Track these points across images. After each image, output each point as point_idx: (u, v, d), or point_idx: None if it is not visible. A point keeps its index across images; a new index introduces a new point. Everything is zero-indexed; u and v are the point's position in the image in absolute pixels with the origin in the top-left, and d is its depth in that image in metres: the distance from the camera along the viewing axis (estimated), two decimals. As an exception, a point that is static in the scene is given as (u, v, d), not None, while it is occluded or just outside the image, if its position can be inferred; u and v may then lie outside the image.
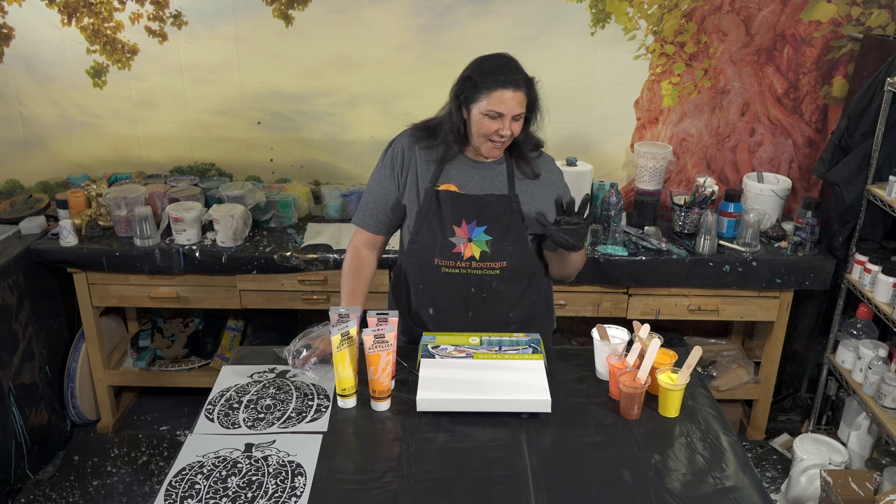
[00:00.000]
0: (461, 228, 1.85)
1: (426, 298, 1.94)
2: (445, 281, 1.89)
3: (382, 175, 1.92)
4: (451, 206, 1.85)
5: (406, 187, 1.89)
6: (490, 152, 1.83)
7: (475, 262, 1.86)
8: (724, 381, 3.00)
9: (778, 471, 2.88)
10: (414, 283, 1.95)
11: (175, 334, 3.19)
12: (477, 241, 1.86)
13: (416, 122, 1.92)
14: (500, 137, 1.79)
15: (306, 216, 3.07)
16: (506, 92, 1.74)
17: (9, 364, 2.62)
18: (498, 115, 1.76)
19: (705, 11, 2.89)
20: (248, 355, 1.95)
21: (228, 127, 3.12)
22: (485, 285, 1.89)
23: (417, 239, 1.89)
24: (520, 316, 1.97)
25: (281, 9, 2.92)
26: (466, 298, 1.91)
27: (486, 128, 1.77)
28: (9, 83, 3.03)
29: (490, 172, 1.88)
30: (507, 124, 1.77)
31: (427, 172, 1.87)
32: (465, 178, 1.87)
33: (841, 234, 2.71)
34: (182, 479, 1.46)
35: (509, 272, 1.89)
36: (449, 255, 1.86)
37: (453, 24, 2.91)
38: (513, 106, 1.75)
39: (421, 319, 1.97)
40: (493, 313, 1.94)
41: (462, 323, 1.93)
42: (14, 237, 2.83)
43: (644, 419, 1.66)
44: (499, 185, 1.88)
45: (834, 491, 2.12)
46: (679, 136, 3.09)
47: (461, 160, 1.88)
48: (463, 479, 1.46)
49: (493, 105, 1.74)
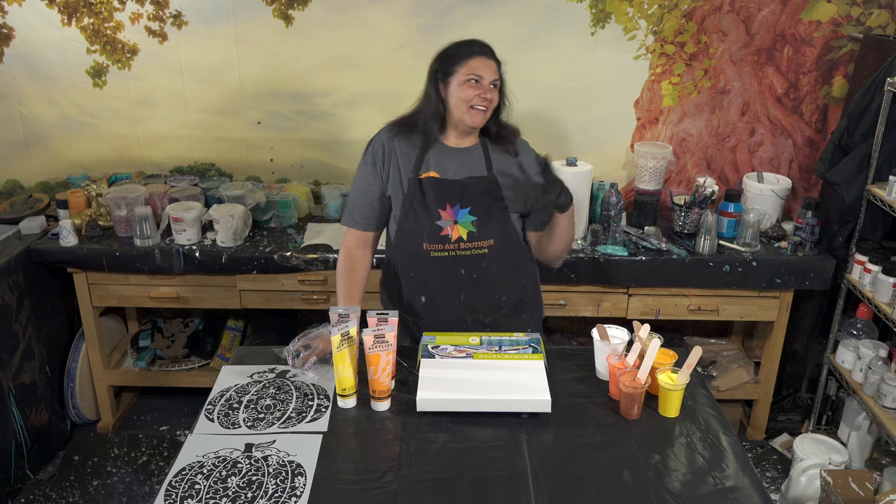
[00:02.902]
0: (446, 212, 1.91)
1: (417, 286, 1.98)
2: (435, 265, 1.93)
3: (365, 171, 1.98)
4: (435, 192, 1.90)
5: (389, 179, 1.95)
6: (473, 119, 1.87)
7: (463, 242, 1.92)
8: (724, 381, 3.00)
9: (778, 471, 2.88)
10: (404, 273, 1.98)
11: (175, 334, 3.19)
12: (463, 223, 1.91)
13: (391, 120, 2.00)
14: (482, 101, 1.85)
15: (306, 216, 3.07)
16: (482, 59, 1.85)
17: (9, 364, 2.62)
18: (478, 78, 1.83)
19: (705, 11, 2.89)
20: (248, 355, 1.95)
21: (228, 127, 3.12)
22: (474, 265, 1.94)
23: (404, 227, 1.94)
24: (511, 300, 2.02)
25: (281, 9, 2.92)
26: (458, 282, 1.95)
27: (467, 94, 1.84)
28: (9, 83, 3.03)
29: (468, 156, 1.95)
30: (486, 88, 1.84)
31: (408, 163, 1.93)
32: (446, 164, 1.93)
33: (841, 234, 2.71)
34: (182, 479, 1.46)
35: (497, 251, 1.95)
36: (437, 238, 1.91)
37: (453, 24, 2.90)
38: (490, 72, 1.84)
39: (413, 309, 2.00)
40: (484, 295, 1.98)
41: (454, 308, 1.97)
42: (14, 237, 2.83)
43: (644, 419, 1.66)
44: (478, 167, 1.94)
45: (834, 491, 2.12)
46: (679, 136, 3.10)
47: (440, 148, 1.94)
48: (463, 479, 1.46)
49: (471, 70, 1.83)
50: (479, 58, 1.85)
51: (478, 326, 1.99)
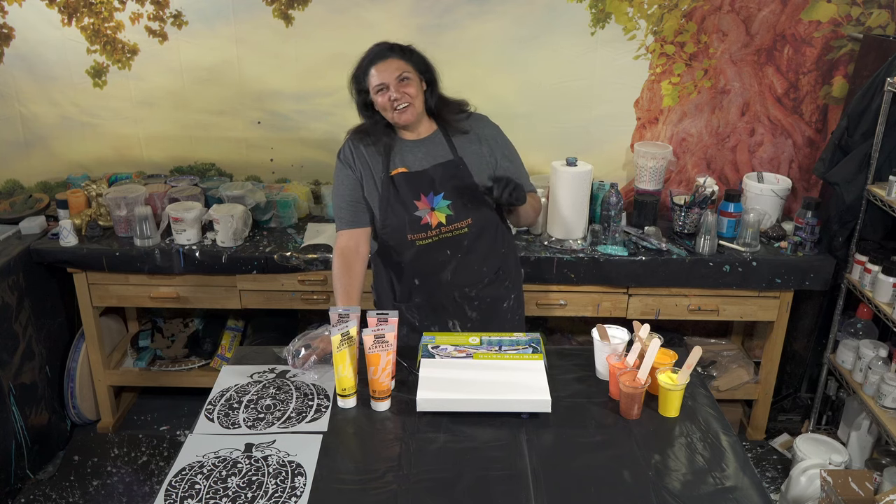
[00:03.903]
0: (422, 202, 1.99)
1: (407, 274, 2.07)
2: (422, 251, 2.02)
3: (343, 174, 2.06)
4: (407, 185, 1.98)
5: (364, 182, 2.03)
6: (400, 119, 1.94)
7: (443, 227, 2.00)
8: (724, 381, 3.00)
9: (778, 471, 2.88)
10: (394, 265, 2.08)
11: (175, 334, 3.19)
12: (439, 209, 1.99)
13: (350, 129, 2.07)
14: (395, 103, 1.91)
15: (306, 216, 3.07)
16: (378, 65, 1.91)
17: (9, 364, 2.62)
18: (382, 86, 1.91)
19: (705, 11, 2.89)
20: (248, 355, 1.95)
21: (228, 127, 3.12)
22: (458, 245, 2.03)
23: (387, 223, 2.01)
24: (492, 269, 2.12)
25: (281, 9, 2.92)
26: (444, 261, 2.05)
27: (381, 103, 1.93)
28: (9, 83, 3.03)
29: (431, 146, 2.02)
30: (394, 89, 1.90)
31: (377, 164, 2.01)
32: (411, 158, 2.01)
33: (841, 234, 2.71)
34: (182, 479, 1.46)
35: (476, 227, 2.03)
36: (418, 227, 1.99)
37: (453, 24, 2.91)
38: (390, 72, 1.90)
39: (406, 295, 2.10)
40: (467, 271, 2.07)
41: (443, 285, 2.07)
42: (14, 237, 2.83)
43: (644, 419, 1.66)
44: (442, 153, 2.02)
45: (834, 491, 2.12)
46: (679, 136, 3.09)
47: (401, 144, 2.02)
48: (463, 479, 1.46)
49: (374, 81, 1.91)
50: (375, 65, 1.91)
51: (465, 300, 2.09)
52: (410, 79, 1.92)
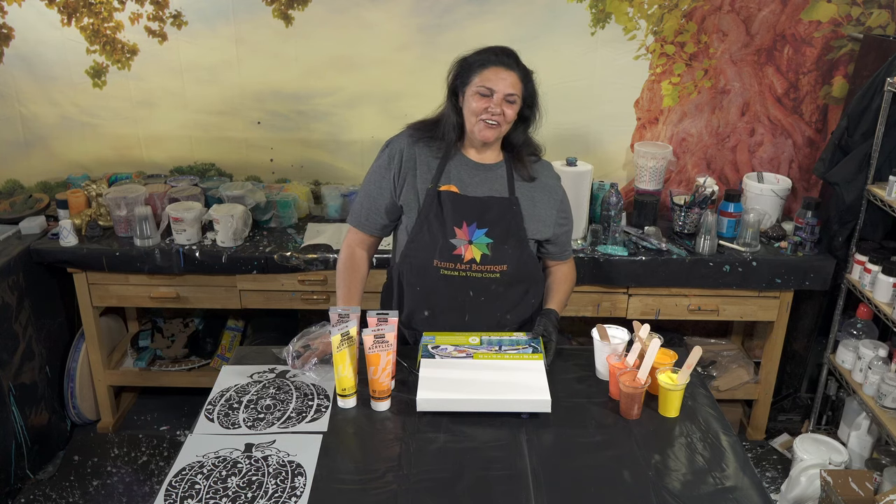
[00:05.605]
0: (462, 230, 1.83)
1: (421, 301, 1.90)
2: (443, 283, 1.86)
3: (378, 175, 1.90)
4: (452, 207, 1.82)
5: (403, 189, 1.87)
6: (482, 134, 1.79)
7: (475, 264, 1.84)
8: (724, 381, 3.00)
9: (778, 471, 2.88)
10: (409, 286, 1.90)
11: (175, 334, 3.19)
12: (478, 244, 1.84)
13: (412, 122, 1.91)
14: (490, 116, 1.76)
15: (306, 216, 3.07)
16: (498, 70, 1.75)
17: (9, 364, 2.62)
18: (489, 91, 1.75)
19: (705, 11, 2.89)
20: (248, 355, 1.94)
21: (228, 127, 3.12)
22: (484, 288, 1.87)
23: (417, 239, 1.86)
24: (516, 319, 1.95)
25: (281, 9, 2.92)
26: (464, 302, 1.88)
27: (475, 107, 1.76)
28: (9, 83, 3.03)
29: (490, 174, 1.87)
30: (498, 102, 1.75)
31: (427, 173, 1.85)
32: (466, 180, 1.86)
33: (841, 234, 2.71)
34: (182, 479, 1.46)
35: (509, 276, 1.87)
36: (449, 256, 1.83)
37: (453, 24, 2.91)
38: (504, 85, 1.75)
39: (412, 323, 1.94)
40: (488, 316, 1.91)
41: (456, 327, 1.90)
42: (14, 237, 2.82)
43: (644, 419, 1.66)
44: (499, 187, 1.87)
45: (834, 491, 2.12)
46: (679, 136, 3.09)
47: (461, 160, 1.87)
48: (463, 479, 1.46)
49: (483, 81, 1.75)
50: (494, 68, 1.75)
51: None
52: (516, 103, 1.78)
